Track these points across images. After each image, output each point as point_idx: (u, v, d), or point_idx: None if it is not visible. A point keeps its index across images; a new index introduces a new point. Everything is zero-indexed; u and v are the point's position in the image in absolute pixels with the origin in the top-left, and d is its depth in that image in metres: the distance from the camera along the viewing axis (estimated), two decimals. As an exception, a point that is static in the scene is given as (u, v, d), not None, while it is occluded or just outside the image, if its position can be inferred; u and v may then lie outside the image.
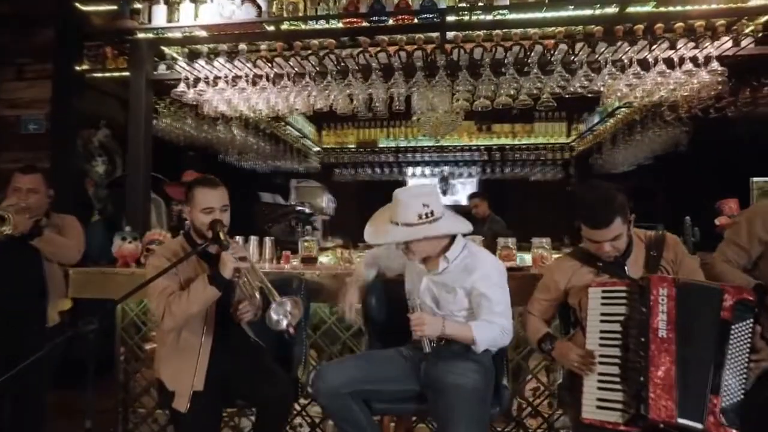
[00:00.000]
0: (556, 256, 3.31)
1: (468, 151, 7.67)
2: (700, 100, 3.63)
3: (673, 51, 3.23)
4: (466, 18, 3.28)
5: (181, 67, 3.54)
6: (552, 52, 3.31)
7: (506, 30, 3.35)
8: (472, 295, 2.19)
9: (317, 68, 3.49)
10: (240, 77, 3.52)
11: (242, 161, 5.80)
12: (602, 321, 1.98)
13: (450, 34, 3.39)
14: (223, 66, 3.50)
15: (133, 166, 3.57)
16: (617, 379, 1.88)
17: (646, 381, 1.75)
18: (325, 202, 7.41)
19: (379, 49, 3.42)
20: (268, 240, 3.43)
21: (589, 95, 3.38)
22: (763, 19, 3.32)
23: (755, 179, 6.93)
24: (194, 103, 3.70)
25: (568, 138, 7.39)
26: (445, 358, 2.20)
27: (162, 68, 3.76)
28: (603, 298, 2.00)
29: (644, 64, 3.25)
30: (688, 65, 3.17)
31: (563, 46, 3.29)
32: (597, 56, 3.26)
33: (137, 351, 3.23)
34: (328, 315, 3.16)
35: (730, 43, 3.25)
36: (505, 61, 3.33)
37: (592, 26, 3.27)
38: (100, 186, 4.92)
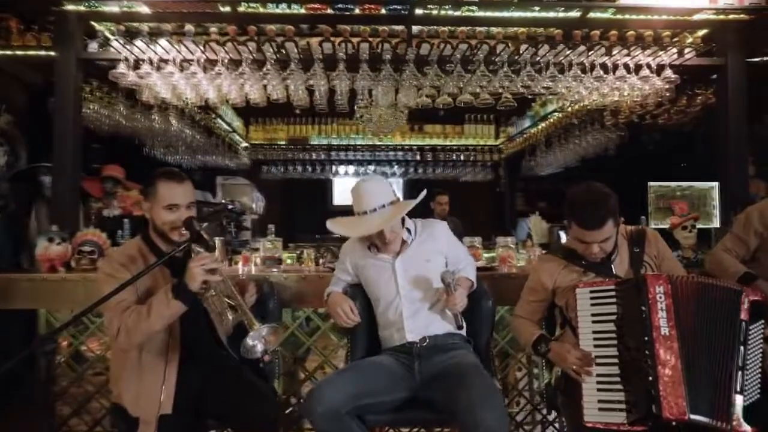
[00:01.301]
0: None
1: (401, 151, 7.66)
2: (644, 107, 3.82)
3: (628, 57, 3.37)
4: (435, 12, 3.20)
5: (122, 46, 3.12)
6: (518, 52, 3.33)
7: (470, 28, 3.32)
8: (449, 253, 2.28)
9: (277, 56, 3.23)
10: (191, 61, 3.17)
11: (168, 155, 5.32)
12: (594, 321, 1.95)
13: (415, 29, 3.31)
14: (173, 47, 3.14)
15: (60, 158, 3.10)
16: (617, 380, 1.85)
17: (655, 380, 1.73)
18: (254, 200, 7.05)
19: (341, 39, 3.24)
20: (217, 240, 3.13)
21: (550, 96, 3.44)
22: (701, 33, 3.57)
23: (651, 184, 7.53)
24: (133, 87, 3.28)
25: (496, 140, 7.61)
26: (434, 352, 2.15)
27: (92, 47, 3.31)
28: (592, 298, 1.97)
29: (600, 69, 3.36)
30: (645, 71, 3.31)
31: (526, 47, 3.31)
32: (561, 59, 3.32)
33: (69, 367, 2.82)
34: (291, 320, 2.95)
35: (675, 54, 3.47)
36: (474, 59, 3.29)
37: (553, 29, 3.34)
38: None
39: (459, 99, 3.52)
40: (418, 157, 7.69)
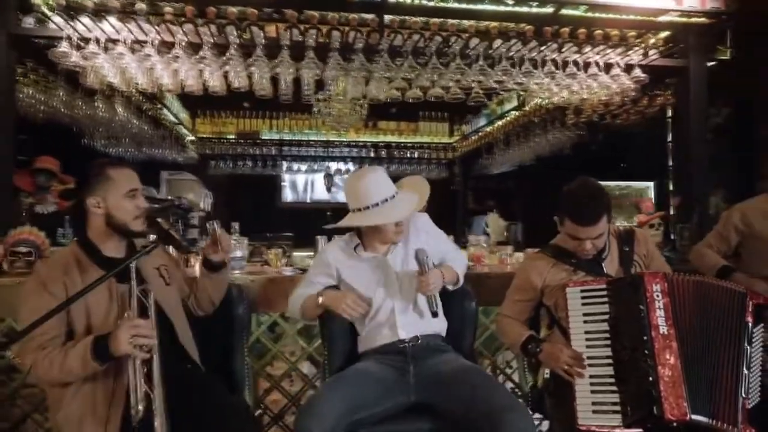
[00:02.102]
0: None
1: (355, 147, 7.51)
2: (607, 106, 3.86)
3: (598, 56, 3.37)
4: (408, 1, 3.07)
5: (65, 22, 2.78)
6: (491, 47, 3.25)
7: (443, 20, 3.22)
8: (433, 247, 2.15)
9: (240, 41, 2.99)
10: (144, 43, 2.87)
11: (110, 146, 4.90)
12: (586, 321, 1.90)
13: (387, 19, 3.16)
14: (125, 26, 2.83)
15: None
16: (611, 381, 1.80)
17: (656, 380, 1.69)
18: (202, 196, 6.67)
19: (309, 26, 3.05)
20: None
21: (522, 92, 3.40)
22: (663, 34, 3.64)
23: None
24: (76, 69, 2.93)
25: (450, 138, 7.60)
26: (428, 353, 2.03)
27: (27, 22, 2.94)
28: (583, 297, 1.92)
29: (573, 66, 3.35)
30: (616, 70, 3.32)
31: (500, 42, 3.25)
32: (534, 55, 3.28)
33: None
34: (255, 326, 2.74)
35: (641, 55, 3.51)
36: (449, 52, 3.19)
37: (524, 25, 3.29)
38: None
39: (430, 93, 3.41)
40: (372, 154, 7.58)
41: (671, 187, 4.07)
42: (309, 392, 2.80)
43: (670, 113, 3.97)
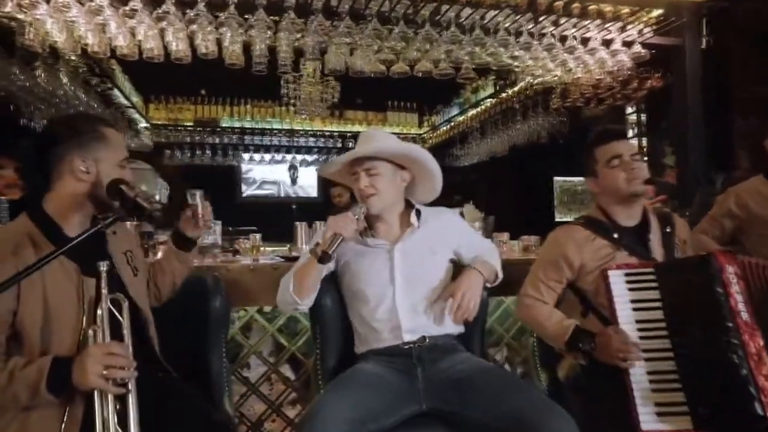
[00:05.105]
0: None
1: (321, 137, 7.17)
2: (596, 87, 3.70)
3: (596, 30, 3.19)
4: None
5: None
6: (483, 18, 3.00)
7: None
8: (462, 242, 1.88)
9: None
10: (94, -7, 2.44)
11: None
12: (635, 309, 1.65)
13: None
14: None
15: None
16: (674, 377, 1.54)
17: (750, 374, 1.42)
18: (157, 187, 6.17)
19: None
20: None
21: (516, 68, 3.17)
22: (656, 12, 3.50)
23: (556, 178, 7.76)
24: (10, 24, 2.47)
25: (420, 129, 7.38)
26: (438, 355, 1.73)
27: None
28: (628, 282, 1.68)
29: (573, 40, 3.15)
30: (617, 45, 3.14)
31: (495, 13, 3.00)
32: (530, 27, 3.05)
33: None
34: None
35: (635, 33, 3.35)
36: (441, 21, 2.91)
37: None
38: None
39: (417, 68, 3.13)
40: (339, 144, 7.23)
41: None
42: (292, 395, 2.49)
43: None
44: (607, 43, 3.21)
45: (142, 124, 6.16)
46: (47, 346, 1.33)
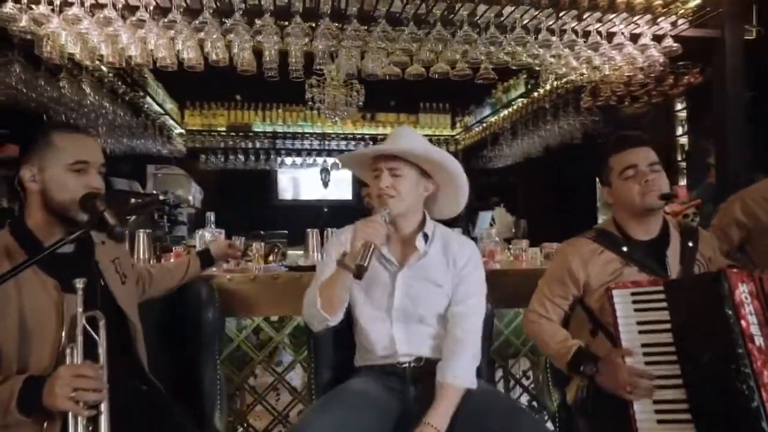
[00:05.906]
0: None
1: (353, 140, 7.13)
2: (628, 85, 3.48)
3: (624, 24, 3.00)
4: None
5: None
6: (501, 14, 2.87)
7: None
8: (459, 287, 1.69)
9: (217, 4, 2.59)
10: (104, 5, 2.47)
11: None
12: (642, 332, 1.51)
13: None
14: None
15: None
16: (684, 407, 1.39)
17: (763, 407, 1.27)
18: (192, 192, 6.31)
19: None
20: (142, 233, 2.50)
21: (537, 67, 3.02)
22: (692, 3, 3.26)
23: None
24: (28, 37, 2.54)
25: (453, 130, 7.24)
26: (432, 376, 1.61)
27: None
28: (635, 302, 1.54)
29: (596, 35, 2.97)
30: (645, 40, 2.94)
31: (512, 9, 2.86)
32: (552, 24, 2.90)
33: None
34: (235, 332, 2.37)
35: (669, 26, 3.13)
36: (454, 19, 2.81)
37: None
38: None
39: (433, 69, 3.03)
40: (371, 147, 7.18)
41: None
42: (299, 407, 2.45)
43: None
44: (635, 37, 3.01)
45: (177, 130, 6.30)
46: (25, 362, 1.32)
